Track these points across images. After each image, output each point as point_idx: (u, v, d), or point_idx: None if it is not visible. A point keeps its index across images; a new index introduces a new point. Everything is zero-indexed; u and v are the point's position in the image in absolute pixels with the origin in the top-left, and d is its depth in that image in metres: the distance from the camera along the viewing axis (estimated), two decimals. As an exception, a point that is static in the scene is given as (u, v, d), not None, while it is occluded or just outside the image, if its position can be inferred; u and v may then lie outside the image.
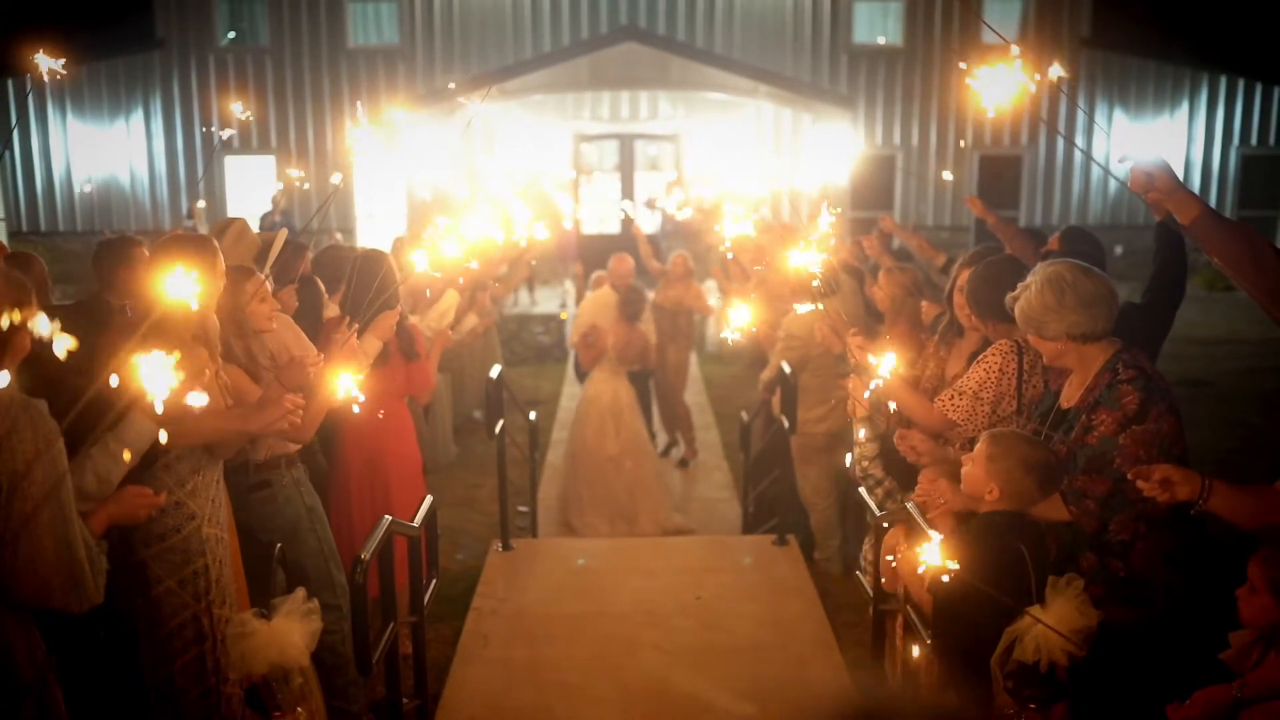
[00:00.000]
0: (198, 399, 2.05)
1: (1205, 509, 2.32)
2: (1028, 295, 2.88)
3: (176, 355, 1.77)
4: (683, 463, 8.27)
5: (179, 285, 1.92)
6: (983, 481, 2.78)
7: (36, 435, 2.06)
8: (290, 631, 2.71)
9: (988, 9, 16.92)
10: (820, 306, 3.96)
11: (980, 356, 3.42)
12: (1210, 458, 7.02)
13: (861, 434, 4.00)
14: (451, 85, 14.56)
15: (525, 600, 5.09)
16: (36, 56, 3.22)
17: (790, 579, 5.32)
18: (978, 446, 2.84)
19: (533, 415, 6.64)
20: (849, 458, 3.91)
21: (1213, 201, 17.42)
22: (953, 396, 3.39)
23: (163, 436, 2.31)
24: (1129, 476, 2.42)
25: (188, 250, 3.05)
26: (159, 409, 1.77)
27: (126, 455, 2.52)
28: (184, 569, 2.87)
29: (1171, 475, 2.32)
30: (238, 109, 14.01)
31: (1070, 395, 2.96)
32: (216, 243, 3.28)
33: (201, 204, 13.68)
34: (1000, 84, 2.12)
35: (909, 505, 3.05)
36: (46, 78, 3.04)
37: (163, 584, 2.85)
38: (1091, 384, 2.87)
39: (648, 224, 16.00)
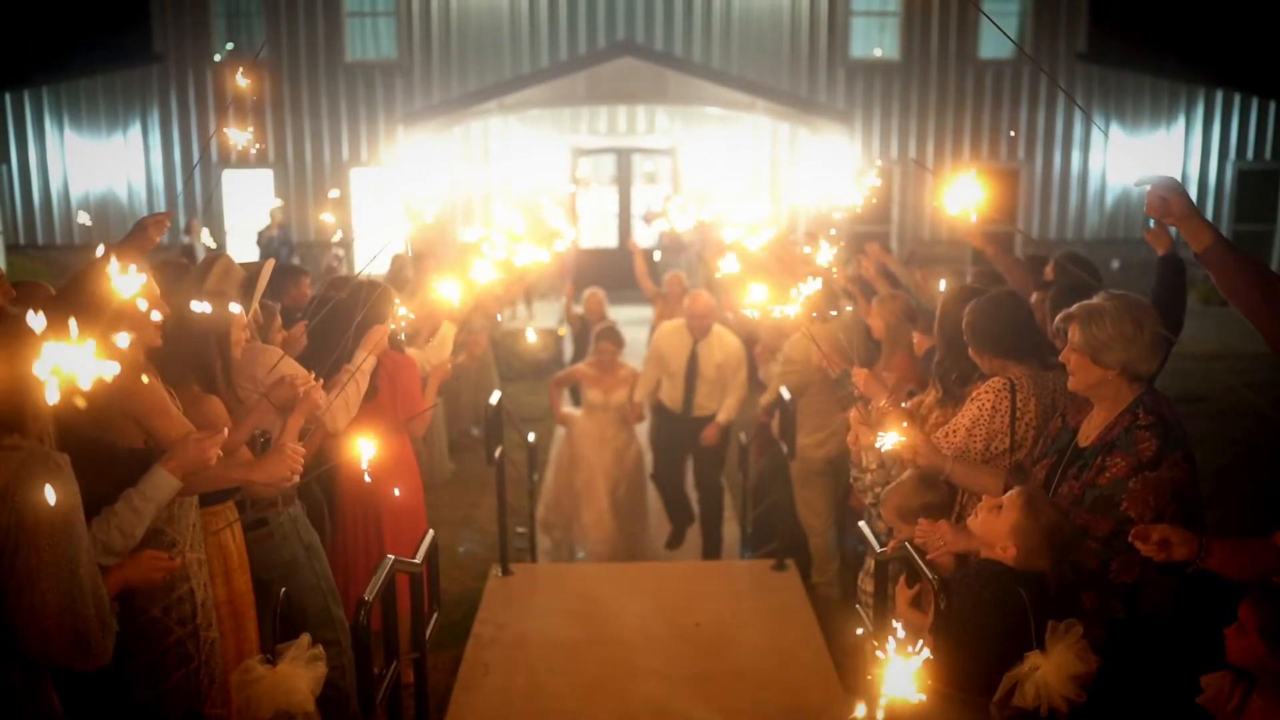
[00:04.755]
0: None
1: (1203, 567, 2.34)
2: (1100, 319, 2.80)
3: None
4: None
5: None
6: (1002, 536, 2.74)
7: (52, 491, 2.02)
8: (295, 677, 2.71)
9: (984, 24, 16.97)
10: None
11: (973, 394, 3.41)
12: (1205, 474, 6.97)
13: (867, 463, 4.02)
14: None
15: (525, 627, 5.09)
16: (228, 130, 3.41)
17: (789, 605, 5.33)
18: (1009, 504, 2.77)
19: (531, 437, 6.65)
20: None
21: (1209, 216, 17.48)
22: (946, 435, 3.39)
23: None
24: (1129, 539, 2.43)
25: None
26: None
27: (150, 509, 2.55)
28: (168, 596, 2.85)
29: (1170, 536, 2.34)
30: (236, 133, 14.01)
31: (1088, 434, 2.94)
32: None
33: (206, 234, 13.69)
34: (965, 190, 2.64)
35: (907, 545, 3.07)
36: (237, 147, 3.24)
37: (146, 614, 2.83)
38: (1112, 423, 2.86)
39: (645, 240, 16.02)
